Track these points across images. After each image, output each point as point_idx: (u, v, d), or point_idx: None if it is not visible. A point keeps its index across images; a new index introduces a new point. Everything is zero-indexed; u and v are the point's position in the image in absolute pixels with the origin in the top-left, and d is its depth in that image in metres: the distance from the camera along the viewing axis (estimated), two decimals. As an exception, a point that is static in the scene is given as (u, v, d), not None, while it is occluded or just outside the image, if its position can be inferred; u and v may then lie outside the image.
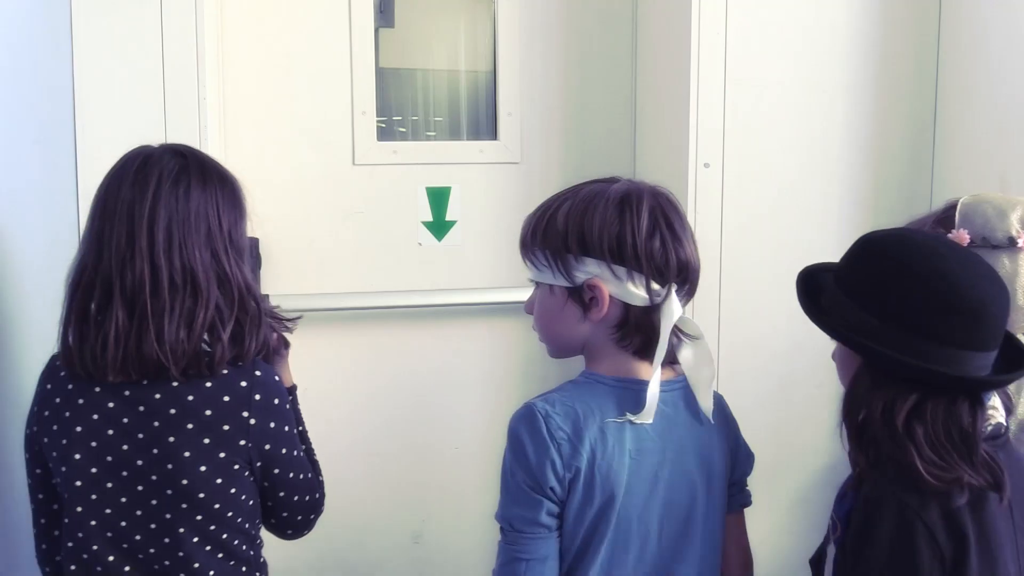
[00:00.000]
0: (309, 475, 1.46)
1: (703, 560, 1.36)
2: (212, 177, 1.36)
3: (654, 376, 1.29)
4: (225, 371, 1.34)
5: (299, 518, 1.46)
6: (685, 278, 1.31)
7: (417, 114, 2.33)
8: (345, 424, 2.22)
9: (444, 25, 2.33)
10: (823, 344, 1.32)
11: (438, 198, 2.27)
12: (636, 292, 1.29)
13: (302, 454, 1.45)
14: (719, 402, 1.41)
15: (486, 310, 2.27)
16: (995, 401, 1.21)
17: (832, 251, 1.34)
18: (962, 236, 1.35)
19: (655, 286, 1.29)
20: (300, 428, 1.52)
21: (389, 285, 2.24)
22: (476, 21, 2.33)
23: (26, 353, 1.91)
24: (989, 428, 1.19)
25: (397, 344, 2.26)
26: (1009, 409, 1.26)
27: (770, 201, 2.13)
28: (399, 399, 2.28)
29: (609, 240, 1.27)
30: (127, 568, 1.35)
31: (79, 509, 1.34)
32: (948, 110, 2.18)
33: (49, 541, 1.43)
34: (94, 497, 1.33)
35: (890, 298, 1.15)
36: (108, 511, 1.33)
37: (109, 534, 1.34)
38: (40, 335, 1.91)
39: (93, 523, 1.34)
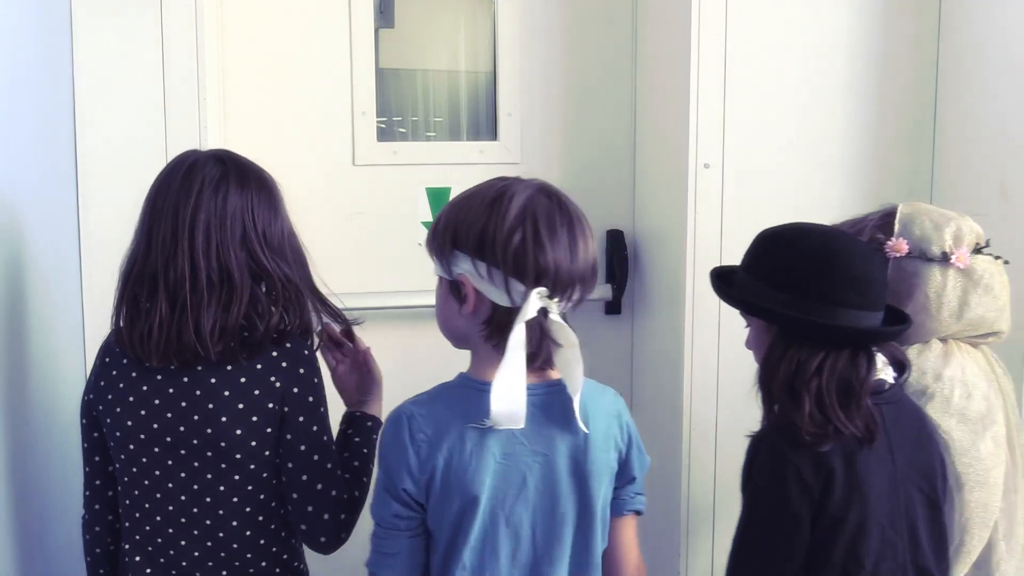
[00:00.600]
0: (331, 466, 1.49)
1: (577, 563, 1.35)
2: (250, 182, 1.49)
3: (497, 380, 1.25)
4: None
5: (325, 516, 1.47)
6: (553, 284, 1.27)
7: (417, 114, 2.33)
8: (345, 424, 2.22)
9: (444, 25, 2.33)
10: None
11: (438, 198, 2.27)
12: (497, 291, 1.27)
13: (329, 440, 1.50)
14: (615, 405, 1.39)
15: (486, 310, 2.26)
16: (881, 363, 1.41)
17: (832, 251, 1.35)
18: (900, 246, 1.52)
19: (517, 286, 1.26)
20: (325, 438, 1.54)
21: (389, 285, 2.24)
22: (476, 21, 2.33)
23: (26, 353, 1.91)
24: (873, 380, 1.39)
25: (397, 344, 2.26)
26: (903, 367, 1.45)
27: (770, 201, 2.13)
28: (399, 399, 2.27)
29: (473, 235, 1.28)
30: (171, 530, 1.49)
31: (134, 470, 1.49)
32: (948, 111, 2.18)
33: (102, 502, 1.57)
34: (145, 460, 1.48)
35: (796, 275, 1.37)
36: (158, 472, 1.48)
37: (158, 495, 1.48)
38: (41, 334, 1.92)
39: (146, 482, 1.49)
